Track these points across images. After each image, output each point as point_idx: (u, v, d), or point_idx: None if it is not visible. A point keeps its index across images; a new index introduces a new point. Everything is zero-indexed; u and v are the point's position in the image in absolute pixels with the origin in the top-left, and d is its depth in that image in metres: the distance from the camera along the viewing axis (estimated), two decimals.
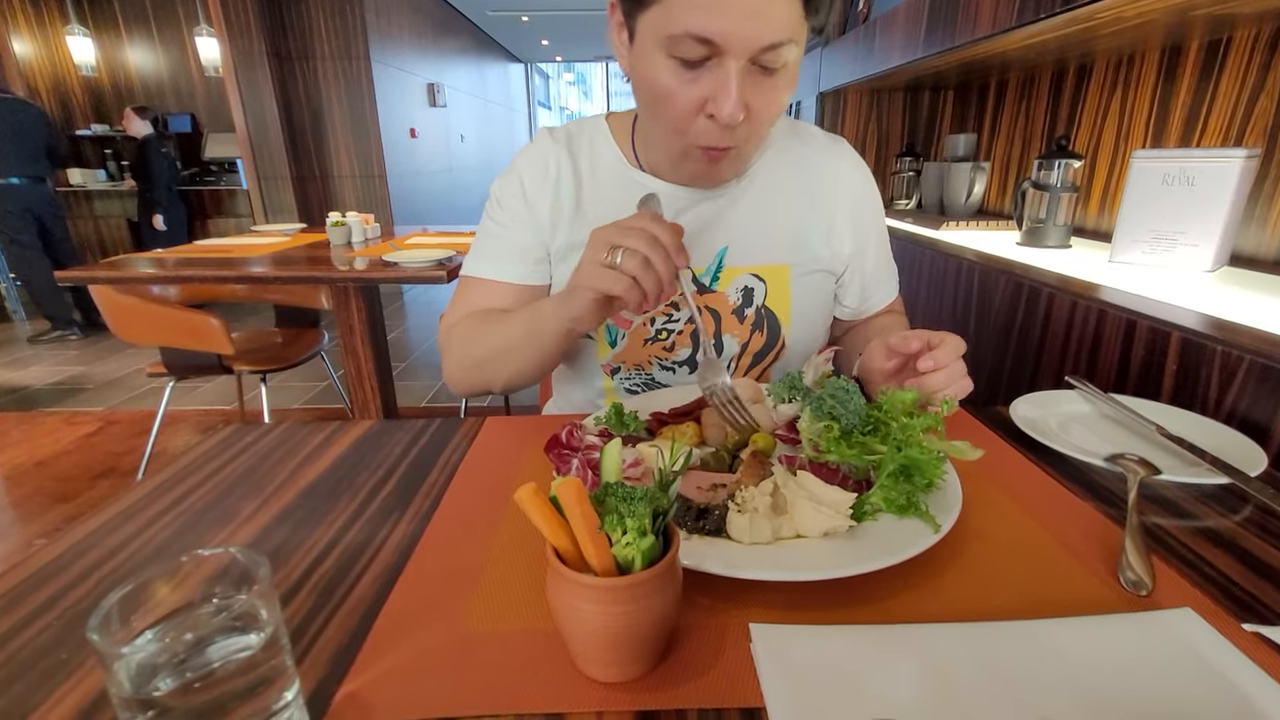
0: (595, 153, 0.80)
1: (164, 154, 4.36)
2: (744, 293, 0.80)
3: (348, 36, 4.95)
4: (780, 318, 0.81)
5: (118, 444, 2.60)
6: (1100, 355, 0.87)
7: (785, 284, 0.80)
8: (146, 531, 0.52)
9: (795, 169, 0.81)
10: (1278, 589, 0.44)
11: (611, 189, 0.79)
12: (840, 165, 0.83)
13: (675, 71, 0.61)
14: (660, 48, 0.60)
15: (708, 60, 0.59)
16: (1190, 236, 1.05)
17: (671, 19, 0.57)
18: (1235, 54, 1.13)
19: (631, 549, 0.34)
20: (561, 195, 0.79)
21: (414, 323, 4.55)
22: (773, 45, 0.58)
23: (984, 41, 1.22)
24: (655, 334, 0.80)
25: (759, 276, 0.80)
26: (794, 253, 0.81)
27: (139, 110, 4.28)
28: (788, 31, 0.58)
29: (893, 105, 2.25)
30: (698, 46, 0.58)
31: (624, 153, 0.79)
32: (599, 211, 0.78)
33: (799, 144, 0.83)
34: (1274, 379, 0.63)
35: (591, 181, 0.79)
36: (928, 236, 1.58)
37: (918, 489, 0.49)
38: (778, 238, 0.80)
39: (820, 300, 0.84)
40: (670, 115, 0.64)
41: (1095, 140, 1.47)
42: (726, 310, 0.80)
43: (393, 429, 0.71)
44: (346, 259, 1.95)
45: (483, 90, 8.67)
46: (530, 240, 0.80)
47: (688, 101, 0.62)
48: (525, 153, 0.81)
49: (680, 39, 0.58)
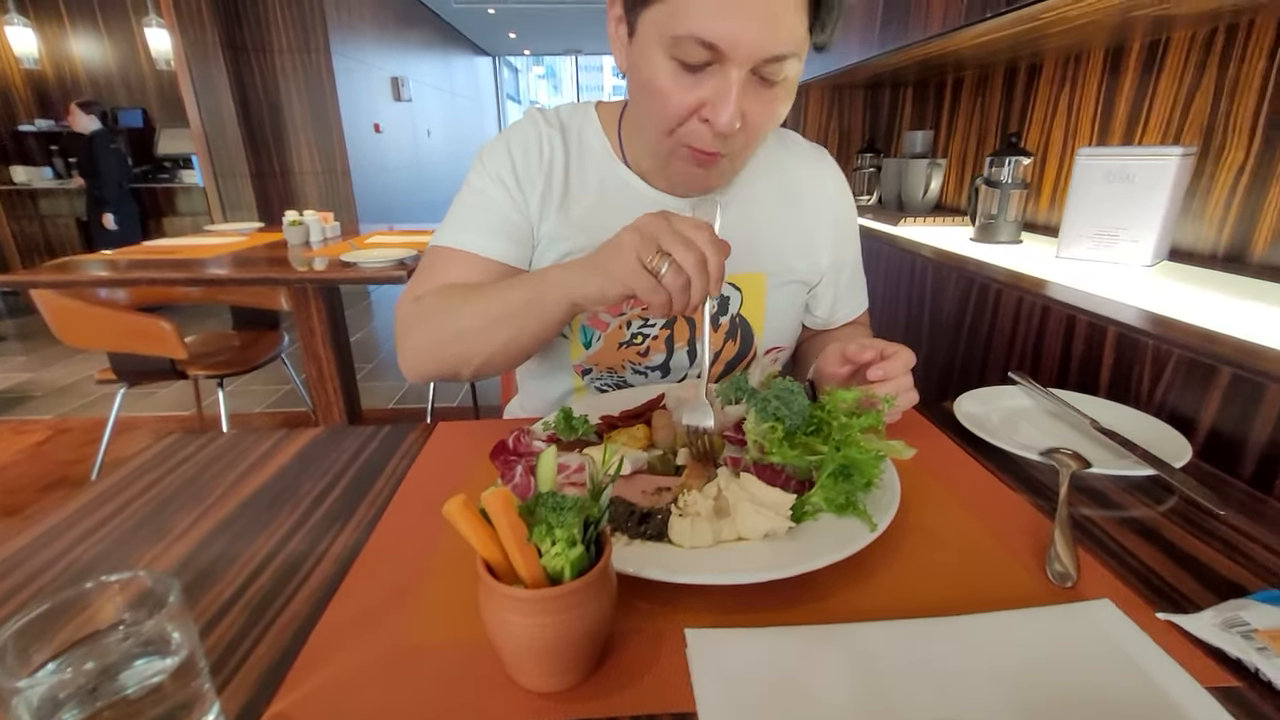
0: (584, 142, 0.78)
1: (113, 150, 4.20)
2: (720, 301, 0.80)
3: (306, 28, 4.81)
4: (754, 327, 0.81)
5: (69, 453, 2.51)
6: (1044, 350, 0.90)
7: (761, 293, 0.80)
8: (76, 549, 0.50)
9: (778, 178, 0.81)
10: (1195, 578, 0.45)
11: (596, 182, 0.77)
12: (823, 179, 0.83)
13: (675, 73, 0.59)
14: (662, 47, 0.58)
15: (709, 65, 0.58)
16: (1131, 232, 1.09)
17: (677, 19, 0.56)
18: (1174, 54, 1.17)
19: (560, 559, 0.34)
20: (553, 181, 0.76)
21: (380, 322, 4.48)
22: (777, 57, 0.57)
23: (936, 40, 1.24)
24: (631, 338, 0.79)
25: (735, 285, 0.79)
26: (772, 263, 0.80)
27: (84, 105, 4.12)
28: (793, 45, 0.57)
29: (854, 102, 2.28)
30: (701, 50, 0.56)
31: (611, 145, 0.78)
32: (584, 203, 0.76)
33: (783, 151, 0.82)
34: (1200, 372, 0.66)
35: (579, 172, 0.77)
36: (887, 232, 1.61)
37: (856, 488, 0.50)
38: (757, 247, 0.79)
39: (793, 310, 0.85)
40: (664, 115, 0.62)
41: (1046, 136, 1.51)
42: (701, 317, 0.80)
43: (340, 436, 0.70)
44: (304, 259, 1.91)
45: (449, 84, 8.53)
46: (519, 218, 0.75)
47: (684, 104, 0.61)
48: (518, 128, 0.77)
49: (684, 40, 0.56)
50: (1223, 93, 1.07)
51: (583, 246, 0.76)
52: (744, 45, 0.56)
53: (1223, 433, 0.64)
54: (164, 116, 5.07)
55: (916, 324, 1.33)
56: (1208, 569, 0.46)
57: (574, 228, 0.76)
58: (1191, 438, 0.65)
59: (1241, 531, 0.51)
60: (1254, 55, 1.01)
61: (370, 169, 5.57)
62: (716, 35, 0.55)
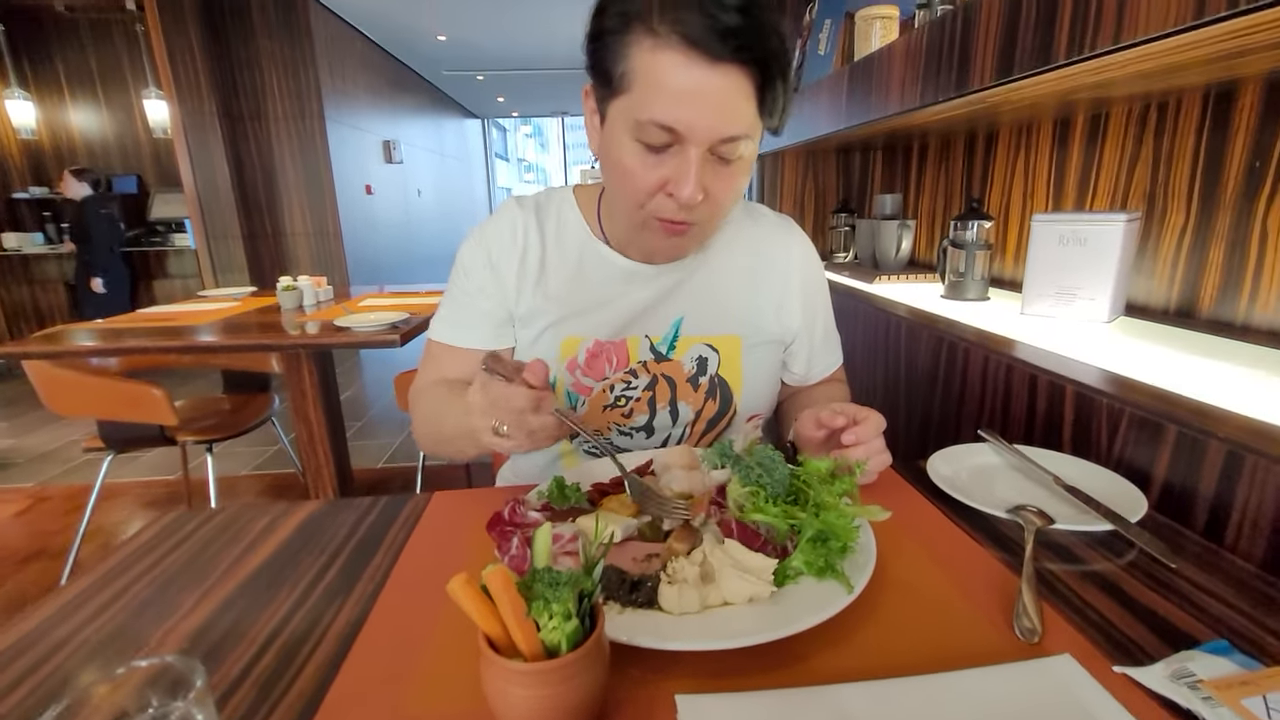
0: (562, 221, 0.84)
1: (104, 215, 4.28)
2: (699, 362, 0.84)
3: (301, 96, 5.00)
4: (732, 386, 0.86)
5: (49, 522, 2.47)
6: (1012, 406, 0.95)
7: (737, 354, 0.85)
8: (85, 630, 0.52)
9: (748, 247, 0.88)
10: (1151, 630, 0.49)
11: (575, 256, 0.83)
12: (790, 245, 0.90)
13: (640, 154, 0.66)
14: (628, 131, 0.65)
15: (670, 146, 0.65)
16: (1088, 291, 1.16)
17: (640, 107, 0.63)
18: (1114, 127, 1.27)
19: (557, 633, 0.37)
20: (527, 260, 0.83)
21: (369, 379, 4.48)
22: (730, 138, 0.64)
23: (897, 116, 1.34)
24: (614, 400, 0.84)
25: (713, 347, 0.84)
26: (745, 325, 0.86)
27: (77, 173, 4.22)
28: (743, 128, 0.64)
29: (827, 165, 2.40)
30: (661, 133, 0.63)
31: (590, 224, 0.84)
32: (562, 275, 0.83)
33: (752, 224, 0.89)
34: (1151, 428, 0.70)
35: (557, 249, 0.83)
36: (864, 291, 1.68)
37: (834, 552, 0.53)
38: (731, 310, 0.85)
39: (769, 369, 0.89)
40: (634, 191, 0.69)
41: (1006, 199, 1.61)
42: (682, 378, 0.84)
43: (338, 509, 0.72)
44: (297, 323, 1.95)
45: (439, 145, 8.80)
46: (494, 306, 0.83)
47: (650, 181, 0.67)
48: (494, 219, 0.85)
49: (646, 125, 0.63)
50: (1160, 162, 1.16)
51: (563, 317, 0.82)
52: (699, 129, 0.63)
53: (1175, 485, 0.68)
54: (158, 181, 5.18)
55: (894, 380, 1.38)
56: (1163, 620, 0.50)
57: (552, 301, 0.82)
58: (1148, 490, 0.69)
59: (1194, 583, 0.54)
60: (1184, 130, 1.11)
61: (361, 229, 5.69)
62: (674, 120, 0.62)
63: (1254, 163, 0.97)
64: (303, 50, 4.89)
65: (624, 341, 0.83)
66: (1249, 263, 0.99)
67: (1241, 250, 1.00)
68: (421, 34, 6.33)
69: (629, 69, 0.63)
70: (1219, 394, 0.72)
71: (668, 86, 0.61)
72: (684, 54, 0.60)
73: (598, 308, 0.82)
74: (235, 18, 4.76)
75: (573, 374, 0.83)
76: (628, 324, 0.83)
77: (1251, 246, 0.98)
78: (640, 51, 0.62)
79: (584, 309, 0.82)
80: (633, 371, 0.83)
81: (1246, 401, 0.69)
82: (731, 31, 0.59)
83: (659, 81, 0.62)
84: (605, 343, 0.83)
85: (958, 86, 1.04)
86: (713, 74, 0.60)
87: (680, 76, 0.61)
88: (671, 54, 0.60)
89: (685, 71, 0.60)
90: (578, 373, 0.83)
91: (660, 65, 0.61)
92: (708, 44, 0.59)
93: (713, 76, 0.61)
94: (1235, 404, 0.69)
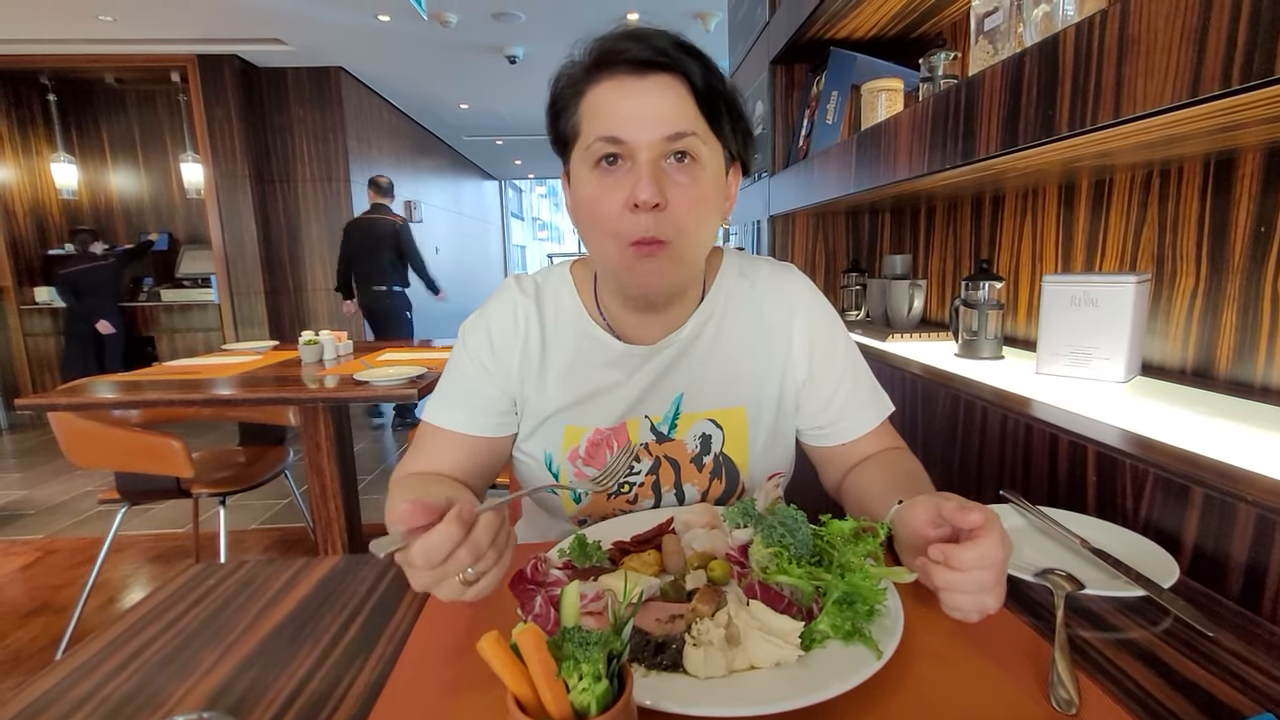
0: (560, 305, 0.83)
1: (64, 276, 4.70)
2: (702, 440, 0.83)
3: (330, 160, 5.25)
4: (738, 464, 0.84)
5: (55, 576, 2.45)
6: (1033, 466, 0.94)
7: (743, 427, 0.83)
8: (105, 687, 0.52)
9: (746, 313, 0.85)
10: (1192, 702, 0.47)
11: (573, 341, 0.82)
12: (789, 295, 0.86)
13: (600, 178, 0.70)
14: (586, 165, 0.70)
15: (622, 160, 0.69)
16: (1102, 351, 1.16)
17: (588, 136, 0.69)
18: (1118, 192, 1.30)
19: (587, 694, 0.37)
20: (529, 350, 0.81)
21: (382, 432, 4.50)
22: (676, 134, 0.68)
23: (904, 183, 1.39)
24: (618, 489, 0.82)
25: (716, 423, 0.83)
26: (748, 393, 0.83)
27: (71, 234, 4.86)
28: (686, 124, 0.68)
29: (836, 226, 2.46)
30: (608, 145, 0.68)
31: (585, 304, 0.83)
32: (561, 362, 0.82)
33: (748, 287, 0.86)
34: (1177, 490, 0.69)
35: (555, 335, 0.82)
36: (878, 349, 1.69)
37: (860, 615, 0.52)
38: (732, 382, 0.83)
39: (778, 436, 0.86)
40: (602, 219, 0.70)
41: (1015, 259, 1.64)
42: (685, 459, 0.83)
43: (357, 565, 0.72)
44: (317, 377, 1.98)
45: (457, 205, 9.11)
46: (497, 393, 0.82)
47: (614, 201, 0.69)
48: (496, 302, 0.84)
49: (595, 146, 0.68)
50: (1166, 227, 1.18)
51: (565, 405, 0.81)
52: (641, 132, 0.67)
53: (1206, 550, 0.67)
54: (186, 238, 5.39)
55: (911, 438, 1.37)
56: (1205, 692, 0.48)
57: (555, 387, 0.82)
58: (1178, 555, 0.68)
59: (1233, 653, 0.53)
60: (1187, 195, 1.14)
61: None
62: (617, 129, 0.67)
63: (1259, 228, 0.99)
64: (333, 118, 5.17)
65: (624, 426, 0.82)
66: (1263, 325, 0.99)
67: (1255, 312, 1.00)
68: (445, 103, 6.67)
69: (578, 116, 0.71)
70: (1244, 455, 0.71)
71: (606, 105, 0.68)
72: (616, 79, 0.68)
73: (597, 396, 0.81)
74: (272, 87, 5.06)
75: (574, 464, 0.82)
76: (629, 409, 0.82)
77: (1264, 309, 0.99)
78: (584, 100, 0.70)
79: (584, 398, 0.81)
80: (636, 457, 0.82)
81: (1273, 463, 0.69)
82: (656, 50, 0.67)
83: (598, 107, 0.69)
84: (606, 430, 0.82)
85: (964, 155, 1.08)
86: (643, 82, 0.68)
87: (614, 94, 0.68)
88: (606, 84, 0.69)
89: (619, 89, 0.68)
90: (579, 462, 0.82)
91: (598, 96, 0.69)
92: (635, 64, 0.67)
93: (643, 83, 0.68)
94: (1262, 466, 0.68)
